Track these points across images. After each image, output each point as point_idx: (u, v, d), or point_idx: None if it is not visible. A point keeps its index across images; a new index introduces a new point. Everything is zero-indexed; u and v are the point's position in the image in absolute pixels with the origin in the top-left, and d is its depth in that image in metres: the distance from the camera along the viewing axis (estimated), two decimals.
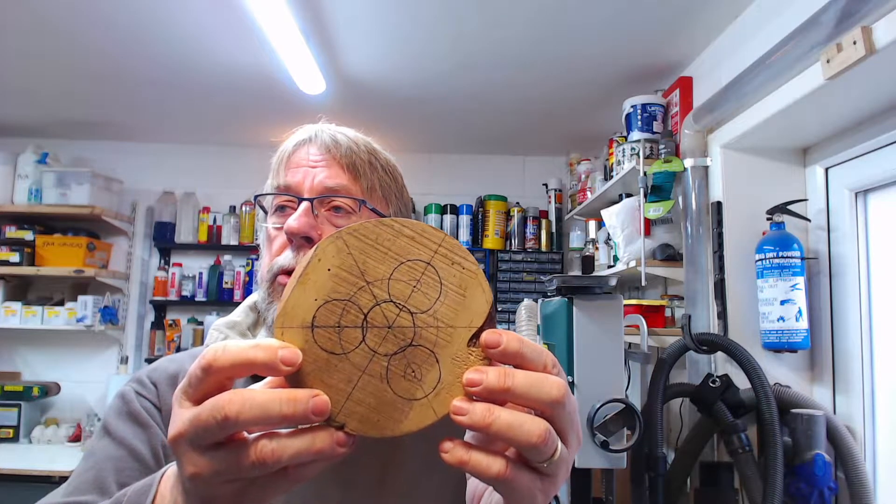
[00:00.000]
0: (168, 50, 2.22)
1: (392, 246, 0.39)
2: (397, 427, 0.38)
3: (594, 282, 1.33)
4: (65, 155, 3.35)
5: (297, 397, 0.35)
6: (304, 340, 0.37)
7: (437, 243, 0.40)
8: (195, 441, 0.36)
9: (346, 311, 0.38)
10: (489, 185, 3.49)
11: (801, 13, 1.37)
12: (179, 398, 0.38)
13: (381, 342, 0.38)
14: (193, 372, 0.37)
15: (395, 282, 0.39)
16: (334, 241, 0.39)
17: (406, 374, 0.38)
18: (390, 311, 0.39)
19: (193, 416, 0.35)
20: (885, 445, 1.51)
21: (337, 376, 0.37)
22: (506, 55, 2.20)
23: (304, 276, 0.38)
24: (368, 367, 0.38)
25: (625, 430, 1.28)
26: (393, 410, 0.38)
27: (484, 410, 0.36)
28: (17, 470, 2.58)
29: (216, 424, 0.34)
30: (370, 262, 0.39)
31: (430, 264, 0.39)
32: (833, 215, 1.67)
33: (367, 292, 0.39)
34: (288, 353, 0.35)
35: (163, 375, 0.74)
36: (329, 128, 0.76)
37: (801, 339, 1.59)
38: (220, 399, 0.35)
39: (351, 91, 2.57)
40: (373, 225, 0.40)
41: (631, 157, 2.22)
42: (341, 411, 0.37)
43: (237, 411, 0.34)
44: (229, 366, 0.35)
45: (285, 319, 0.38)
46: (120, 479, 0.64)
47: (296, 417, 0.34)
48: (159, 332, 3.36)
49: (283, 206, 0.73)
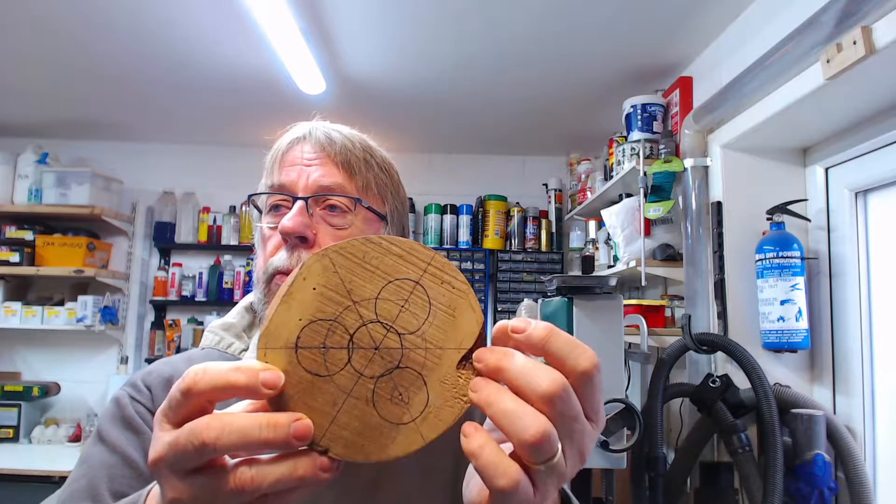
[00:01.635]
0: (168, 50, 2.22)
1: (380, 264, 0.38)
2: (383, 452, 0.36)
3: (594, 282, 1.33)
4: (65, 155, 3.35)
5: (278, 422, 0.33)
6: (287, 362, 0.36)
7: (427, 262, 0.39)
8: (174, 466, 0.35)
9: (331, 332, 0.37)
10: (489, 185, 3.49)
11: (801, 13, 1.37)
12: (160, 420, 0.36)
13: (368, 364, 0.37)
14: (173, 394, 0.35)
15: (383, 301, 0.38)
16: (320, 260, 0.38)
17: (393, 397, 0.37)
18: (377, 332, 0.37)
19: (172, 440, 0.34)
20: (885, 445, 1.51)
21: (321, 399, 0.36)
22: (506, 55, 2.20)
23: (288, 294, 0.37)
24: (354, 390, 0.36)
25: (625, 430, 1.28)
26: (379, 435, 0.36)
27: (494, 391, 0.35)
28: (17, 470, 2.58)
29: (193, 450, 0.33)
30: (357, 280, 0.38)
31: (419, 283, 0.38)
32: (833, 215, 1.67)
33: (354, 312, 0.37)
34: (270, 376, 0.34)
35: (158, 379, 0.73)
36: (323, 125, 0.74)
37: (801, 339, 1.59)
38: (198, 424, 0.34)
39: (351, 91, 2.57)
40: (360, 242, 0.38)
41: (631, 157, 2.22)
42: (325, 435, 0.36)
43: (215, 437, 0.33)
44: (209, 389, 0.34)
45: (268, 340, 0.36)
46: (113, 487, 0.64)
47: (276, 443, 0.33)
48: (159, 332, 3.36)
49: (278, 205, 0.72)
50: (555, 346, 0.36)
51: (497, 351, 0.36)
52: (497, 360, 0.36)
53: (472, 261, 3.35)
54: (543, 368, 0.35)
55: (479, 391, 0.35)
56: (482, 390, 0.35)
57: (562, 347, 0.36)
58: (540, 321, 0.36)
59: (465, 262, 3.35)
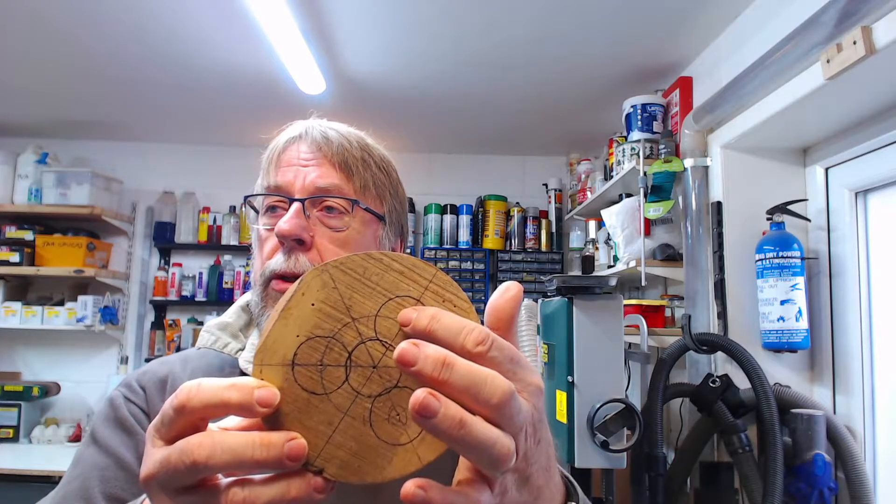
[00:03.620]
0: (168, 50, 2.22)
1: (380, 281, 0.37)
2: (379, 473, 0.35)
3: (594, 282, 1.33)
4: (65, 155, 3.35)
5: (272, 441, 0.33)
6: (283, 379, 0.35)
7: (428, 279, 0.38)
8: (165, 484, 0.34)
9: (329, 349, 0.36)
10: (489, 185, 3.49)
11: (801, 13, 1.37)
12: (152, 436, 0.36)
13: (366, 383, 0.36)
14: (166, 410, 0.35)
15: (383, 319, 0.37)
16: (319, 275, 0.37)
17: (390, 417, 0.36)
18: (376, 350, 0.36)
19: (163, 457, 0.34)
20: (885, 445, 1.51)
21: (317, 418, 0.35)
22: (506, 55, 2.21)
23: (286, 310, 0.36)
24: (351, 409, 0.36)
25: (625, 430, 1.28)
26: (375, 455, 0.35)
27: (438, 360, 0.32)
28: (17, 470, 2.58)
29: (185, 469, 0.33)
30: (357, 297, 0.37)
31: (420, 301, 0.37)
32: (833, 215, 1.67)
33: (353, 329, 0.36)
34: (265, 394, 0.33)
35: (152, 379, 0.72)
36: (320, 124, 0.73)
37: (801, 339, 1.59)
38: (189, 442, 0.33)
39: (351, 91, 2.57)
40: (361, 258, 0.37)
41: (631, 157, 2.22)
42: (320, 455, 0.35)
43: (206, 456, 0.32)
44: (202, 407, 0.33)
45: (265, 356, 0.36)
46: (105, 489, 0.63)
47: (269, 463, 0.32)
48: (159, 332, 3.36)
49: (275, 206, 0.71)
50: (440, 332, 0.34)
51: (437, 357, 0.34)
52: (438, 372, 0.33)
53: (472, 261, 3.35)
54: (489, 376, 0.33)
55: (419, 363, 0.33)
56: (424, 363, 0.33)
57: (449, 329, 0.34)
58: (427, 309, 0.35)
59: (465, 262, 3.35)
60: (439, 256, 3.34)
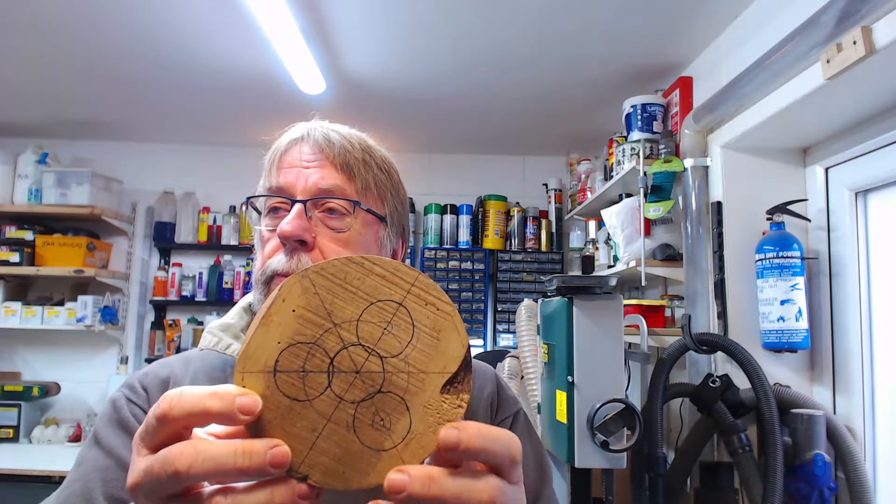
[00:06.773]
0: (168, 50, 2.22)
1: (362, 285, 0.37)
2: (364, 479, 0.35)
3: (594, 282, 1.33)
4: (65, 155, 3.35)
5: (254, 449, 0.32)
6: (265, 386, 0.35)
7: (411, 283, 0.37)
8: (149, 493, 0.34)
9: (311, 356, 0.36)
10: (489, 185, 3.49)
11: (801, 13, 1.37)
12: (137, 444, 0.36)
13: (348, 388, 0.36)
14: (149, 419, 0.35)
15: (365, 324, 0.37)
16: (300, 281, 0.37)
17: (374, 422, 0.36)
18: (358, 356, 0.36)
19: (147, 466, 0.34)
20: (885, 445, 1.51)
21: (300, 424, 0.35)
22: (506, 55, 2.21)
23: (267, 317, 0.36)
24: (334, 415, 0.35)
25: (625, 430, 1.28)
26: (359, 461, 0.35)
27: (425, 480, 0.34)
28: (17, 470, 2.58)
29: (167, 478, 0.33)
30: (338, 302, 0.37)
31: (403, 305, 0.37)
32: (833, 215, 1.67)
33: (335, 335, 0.36)
34: (246, 402, 0.33)
35: (154, 380, 0.73)
36: (322, 125, 0.73)
37: (801, 339, 1.59)
38: (171, 451, 0.33)
39: (351, 91, 2.57)
40: (341, 263, 0.37)
41: (631, 157, 2.22)
42: (304, 462, 0.35)
43: (188, 465, 0.32)
44: (184, 416, 0.34)
45: (246, 363, 0.35)
46: (107, 491, 0.63)
47: (252, 471, 0.32)
48: (159, 332, 3.36)
49: (277, 207, 0.71)
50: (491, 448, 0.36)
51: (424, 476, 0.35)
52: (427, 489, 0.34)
53: (472, 261, 3.35)
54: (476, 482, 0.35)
55: (408, 487, 0.34)
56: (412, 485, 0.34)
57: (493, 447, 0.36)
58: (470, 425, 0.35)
59: (465, 262, 3.35)
60: (439, 256, 3.34)
